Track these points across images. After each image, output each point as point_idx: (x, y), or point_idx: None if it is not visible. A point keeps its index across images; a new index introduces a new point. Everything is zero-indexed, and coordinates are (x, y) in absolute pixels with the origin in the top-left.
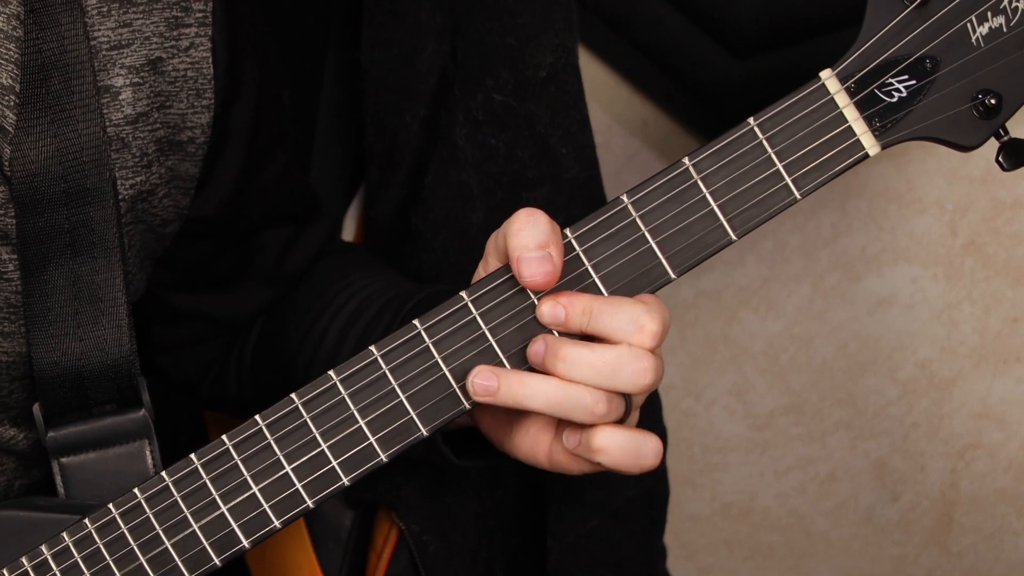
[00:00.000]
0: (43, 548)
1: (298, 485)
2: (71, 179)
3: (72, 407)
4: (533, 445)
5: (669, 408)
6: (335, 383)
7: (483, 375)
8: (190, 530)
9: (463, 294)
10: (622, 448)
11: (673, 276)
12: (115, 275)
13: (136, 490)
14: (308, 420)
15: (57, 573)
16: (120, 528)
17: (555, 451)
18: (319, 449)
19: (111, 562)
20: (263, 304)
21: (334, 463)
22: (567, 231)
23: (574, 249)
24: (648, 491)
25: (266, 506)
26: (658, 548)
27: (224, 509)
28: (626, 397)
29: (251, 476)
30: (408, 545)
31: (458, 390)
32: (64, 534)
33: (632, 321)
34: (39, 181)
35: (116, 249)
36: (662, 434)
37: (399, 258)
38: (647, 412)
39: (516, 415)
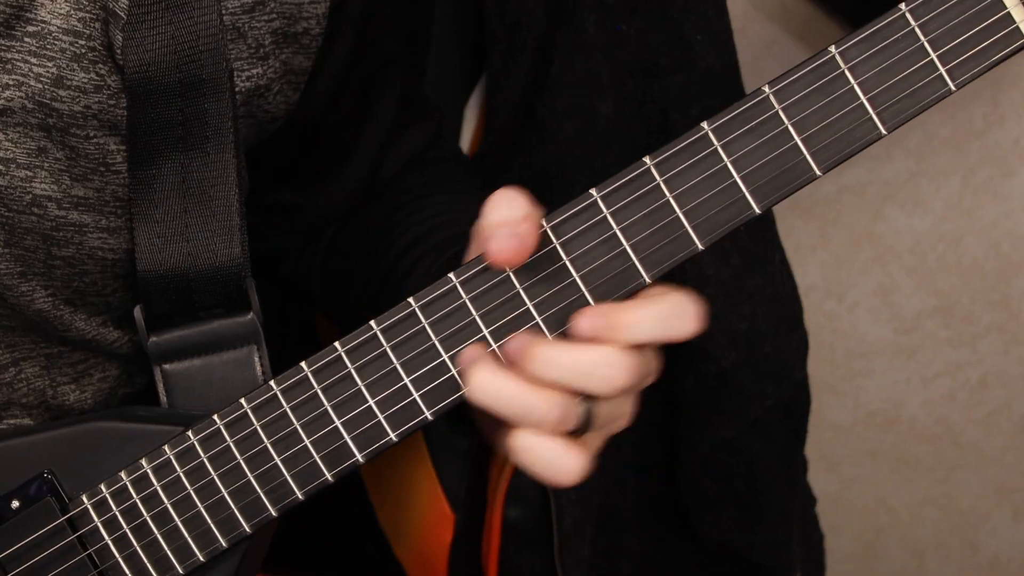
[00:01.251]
0: (143, 462)
1: (415, 395)
2: (186, 69)
3: (176, 311)
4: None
5: (810, 310)
6: (455, 284)
7: (466, 355)
8: (301, 444)
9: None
10: (535, 454)
11: (819, 173)
12: (228, 172)
13: (243, 400)
14: (427, 326)
15: (158, 488)
16: (226, 440)
17: None
18: (440, 359)
19: (215, 477)
20: (348, 206)
21: (453, 371)
22: (705, 123)
23: (712, 144)
24: (788, 400)
25: (381, 418)
26: (798, 460)
27: (337, 422)
28: (588, 411)
29: (365, 386)
30: None
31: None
32: (166, 446)
33: (670, 316)
34: (153, 71)
35: (230, 145)
36: (802, 338)
37: (523, 150)
38: (786, 316)
39: None
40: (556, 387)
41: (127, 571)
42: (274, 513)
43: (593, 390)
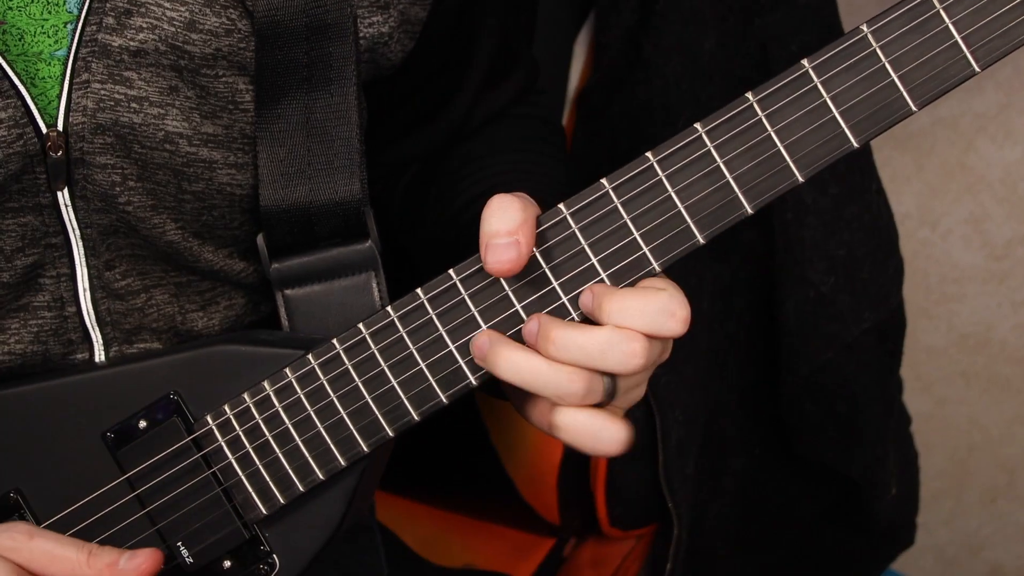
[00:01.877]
0: (265, 384)
1: (564, 299)
2: (312, 14)
3: (297, 240)
4: (539, 413)
5: (905, 237)
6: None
7: (479, 339)
8: (416, 368)
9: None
10: (579, 429)
11: (915, 109)
12: (350, 112)
13: (361, 324)
14: (538, 256)
15: (279, 409)
16: (344, 364)
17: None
18: (550, 286)
19: (335, 398)
20: (434, 150)
21: (564, 299)
22: (805, 61)
23: (811, 80)
24: (884, 323)
25: (463, 363)
26: (893, 380)
27: (451, 346)
28: (613, 381)
29: (479, 312)
30: None
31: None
32: (287, 369)
33: (662, 311)
34: (281, 15)
35: (352, 87)
36: (898, 264)
37: (629, 85)
38: (883, 243)
39: None
40: (577, 365)
41: (249, 488)
42: (391, 433)
43: (610, 369)
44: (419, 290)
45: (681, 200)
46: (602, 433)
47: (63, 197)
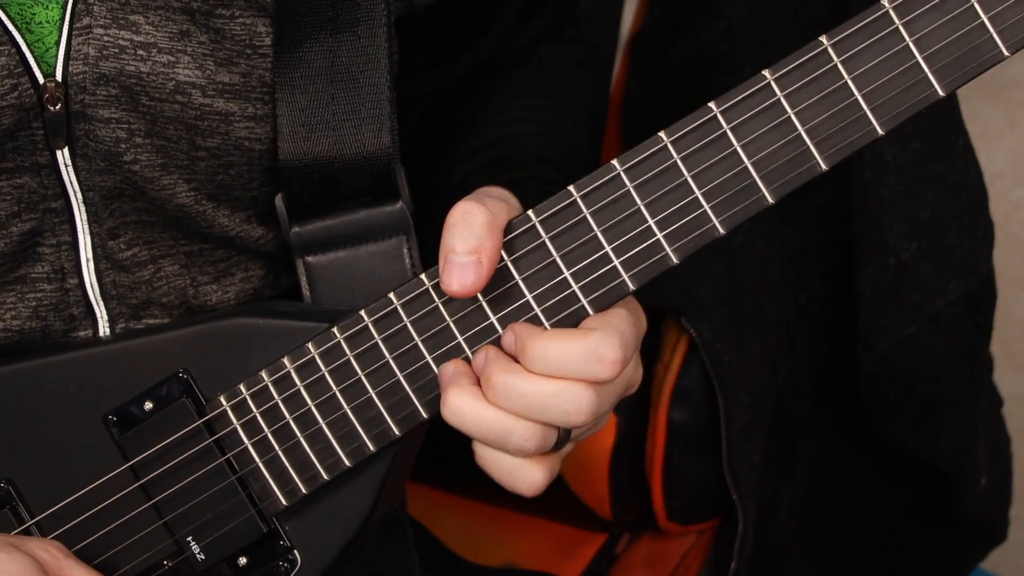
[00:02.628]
0: (285, 360)
1: (575, 287)
2: None
3: (320, 200)
4: None
5: (996, 199)
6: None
7: (447, 370)
8: (454, 341)
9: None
10: (499, 467)
11: (1006, 53)
12: (379, 56)
13: (391, 294)
14: (587, 215)
15: (301, 388)
16: (373, 337)
17: None
18: (602, 251)
19: (362, 376)
20: (451, 87)
21: (616, 262)
22: (885, 1)
23: (892, 23)
24: (972, 294)
25: (538, 310)
26: (982, 358)
27: (492, 318)
28: (567, 433)
29: (523, 279)
30: (700, 355)
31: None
32: (309, 344)
33: (588, 355)
34: None
35: (382, 28)
36: (987, 228)
37: (690, 27)
38: (970, 204)
39: None
40: (517, 415)
41: (267, 476)
42: (425, 415)
43: (553, 423)
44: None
45: (748, 155)
46: (517, 474)
47: (63, 156)
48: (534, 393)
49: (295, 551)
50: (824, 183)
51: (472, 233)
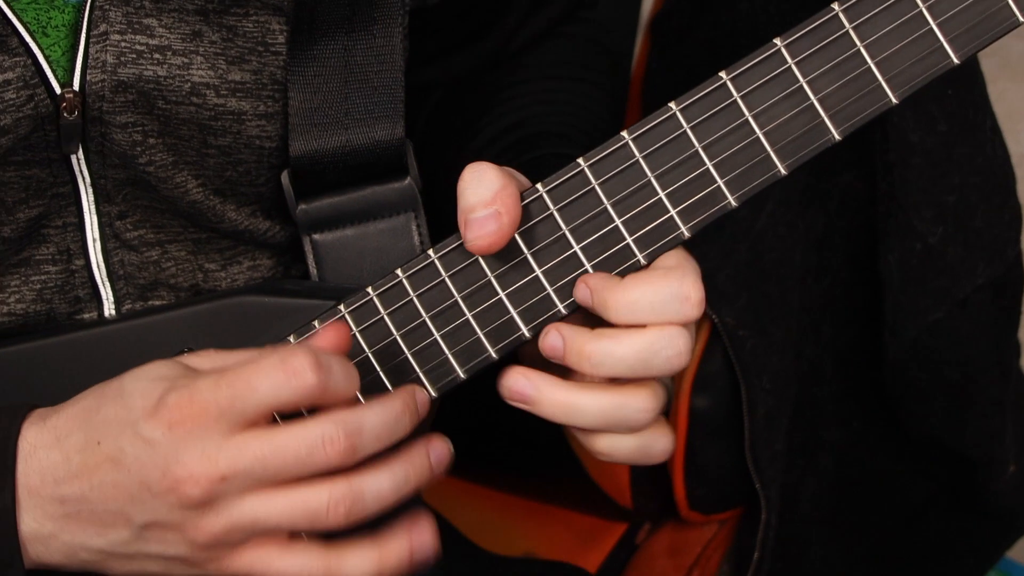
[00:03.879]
0: (291, 339)
1: (587, 265)
2: None
3: (327, 180)
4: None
5: (1023, 181)
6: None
7: (518, 382)
8: (463, 318)
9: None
10: (629, 450)
11: (1022, 20)
12: (394, 55)
13: (399, 270)
14: (596, 187)
15: None
16: (380, 314)
17: None
18: (612, 224)
19: (369, 355)
20: (467, 74)
21: (628, 240)
22: (835, 4)
23: (844, 28)
24: (1000, 278)
25: (550, 290)
26: (1011, 343)
27: (501, 293)
28: (667, 389)
29: (532, 254)
30: (721, 341)
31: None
32: (316, 322)
33: (675, 296)
34: None
35: (399, 28)
36: (1015, 211)
37: (711, 8)
38: (998, 187)
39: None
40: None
41: None
42: (434, 394)
43: (656, 374)
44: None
45: (760, 125)
46: (653, 446)
47: (77, 152)
48: (635, 350)
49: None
50: (847, 165)
51: (485, 187)
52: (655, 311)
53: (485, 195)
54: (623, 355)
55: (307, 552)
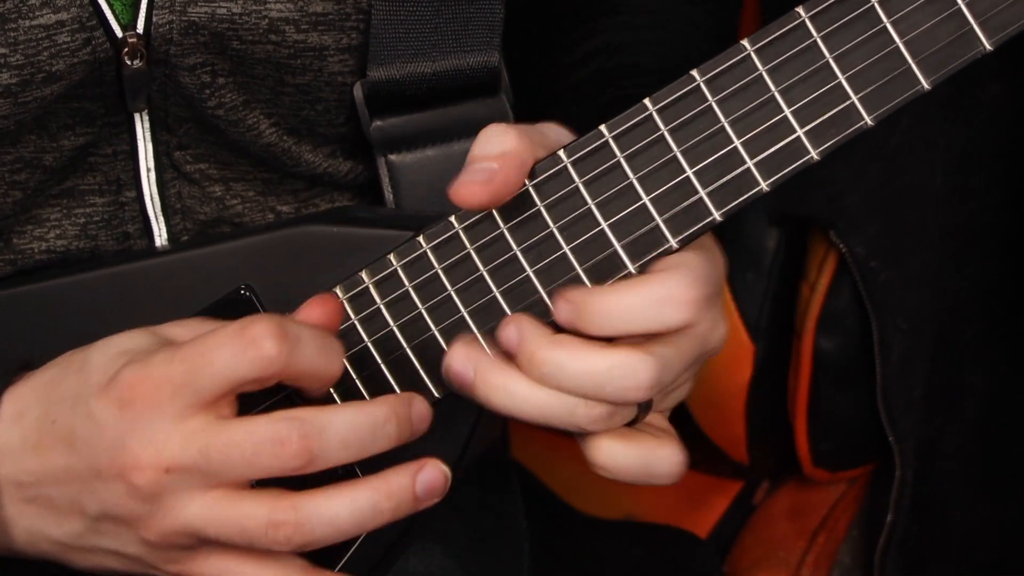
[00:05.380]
0: (363, 275)
1: (702, 193)
2: None
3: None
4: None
5: None
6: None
7: (459, 359)
8: (559, 252)
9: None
10: (625, 465)
11: None
12: None
13: None
14: (665, 132)
15: (381, 307)
16: (465, 247)
17: None
18: (731, 145)
19: (452, 292)
20: None
21: (750, 164)
22: None
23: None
24: None
25: (659, 220)
26: None
27: (603, 224)
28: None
29: (638, 179)
30: (851, 274)
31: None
32: (391, 255)
33: (654, 300)
34: None
35: None
36: None
37: None
38: None
39: None
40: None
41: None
42: None
43: (611, 400)
44: (561, 152)
45: (899, 33)
46: (653, 464)
47: (143, 111)
48: (588, 370)
49: None
50: (995, 75)
51: (497, 144)
52: (625, 319)
53: (494, 149)
54: (575, 373)
55: (280, 565)
